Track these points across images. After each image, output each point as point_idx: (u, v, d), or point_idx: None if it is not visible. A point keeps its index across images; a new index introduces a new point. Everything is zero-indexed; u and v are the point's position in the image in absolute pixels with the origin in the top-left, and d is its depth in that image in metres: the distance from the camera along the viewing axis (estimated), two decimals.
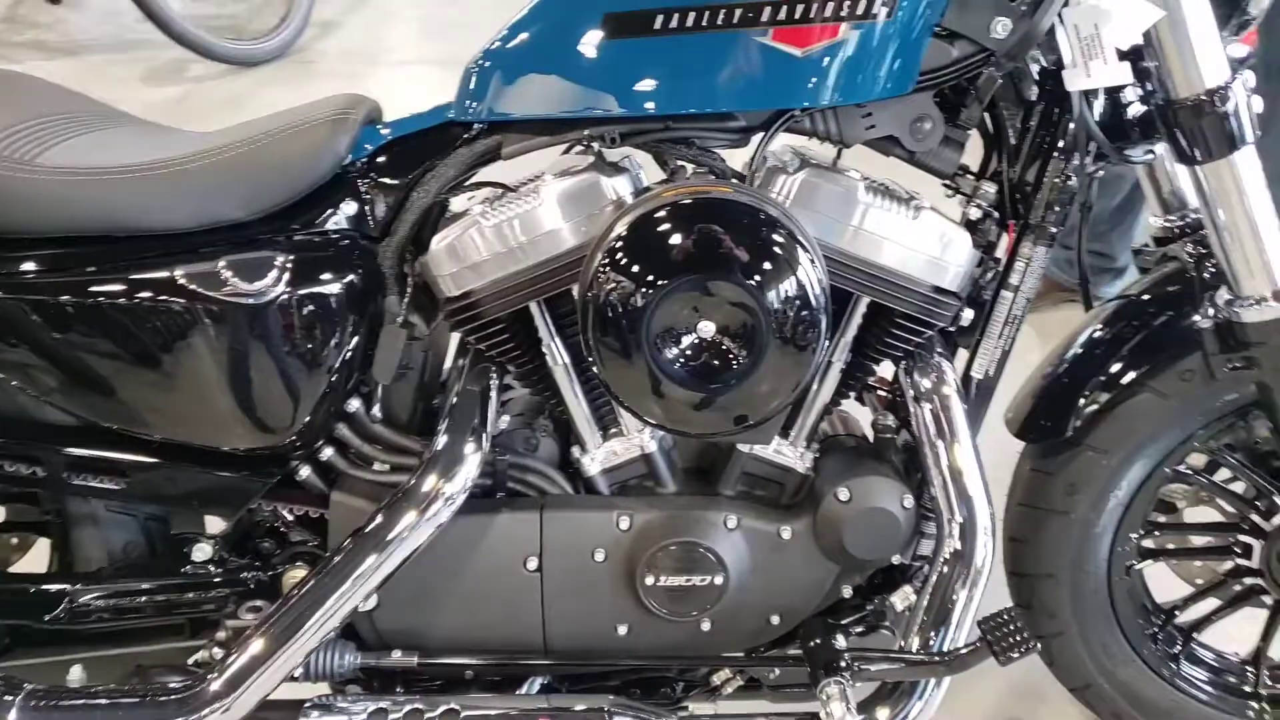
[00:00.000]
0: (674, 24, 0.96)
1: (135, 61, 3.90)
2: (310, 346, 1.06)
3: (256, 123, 1.10)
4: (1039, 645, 1.02)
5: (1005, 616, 1.02)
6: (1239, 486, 1.31)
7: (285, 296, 1.03)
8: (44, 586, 1.13)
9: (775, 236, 0.93)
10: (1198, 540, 1.38)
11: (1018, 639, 0.99)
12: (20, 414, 1.10)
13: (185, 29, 3.69)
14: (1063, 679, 1.40)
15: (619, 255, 0.94)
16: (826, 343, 0.98)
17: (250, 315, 1.03)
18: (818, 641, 1.11)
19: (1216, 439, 1.26)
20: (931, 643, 1.07)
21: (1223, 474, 1.32)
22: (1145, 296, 1.22)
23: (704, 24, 0.96)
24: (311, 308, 1.05)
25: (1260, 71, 1.03)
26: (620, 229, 0.95)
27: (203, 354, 1.04)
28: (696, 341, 0.95)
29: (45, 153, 1.02)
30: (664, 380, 0.96)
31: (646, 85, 1.00)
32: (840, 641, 1.11)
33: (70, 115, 1.12)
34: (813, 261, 0.94)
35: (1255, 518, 1.28)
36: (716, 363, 0.95)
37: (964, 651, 1.02)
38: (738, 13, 0.95)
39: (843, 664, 1.06)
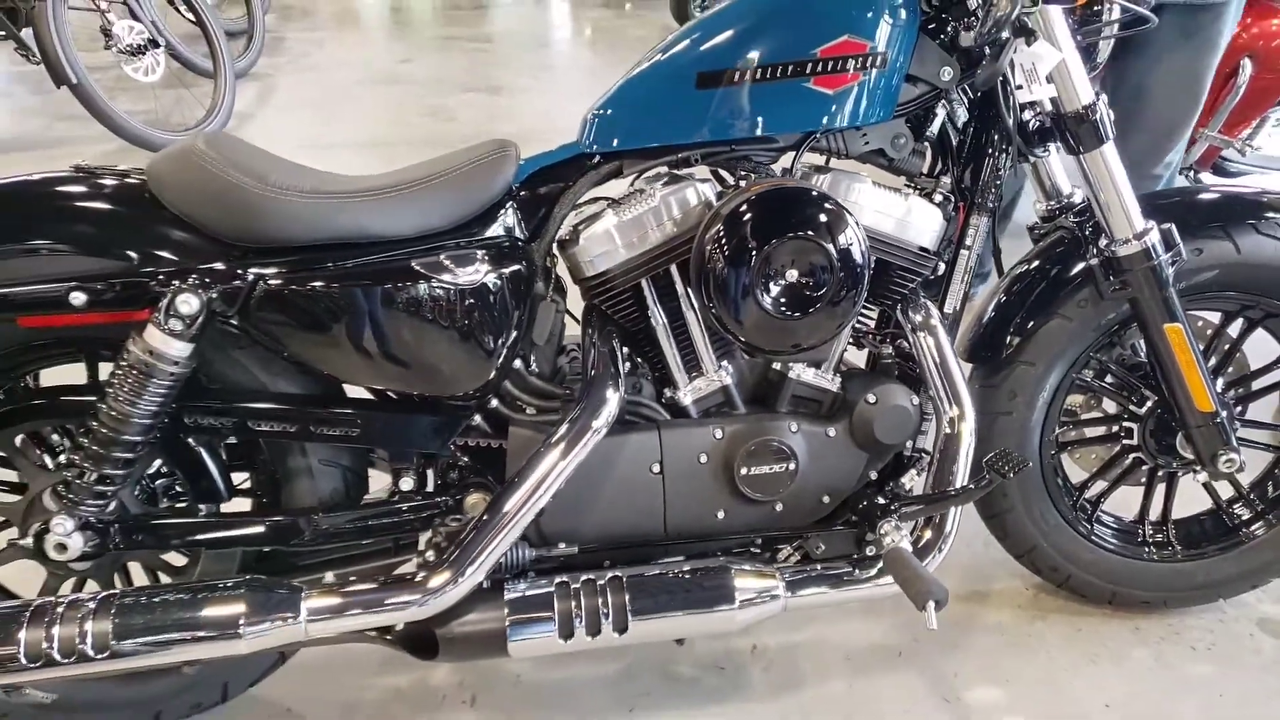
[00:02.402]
0: (747, 78, 1.43)
1: (69, 156, 4.10)
2: (497, 318, 1.44)
3: (435, 162, 1.49)
4: (1029, 463, 1.49)
5: (998, 453, 1.49)
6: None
7: (482, 282, 1.42)
8: (294, 520, 1.46)
9: (832, 209, 1.40)
10: (1092, 433, 1.91)
11: (1012, 464, 1.46)
12: (276, 388, 1.45)
13: (125, 122, 3.95)
14: (1011, 548, 1.89)
15: (730, 231, 1.39)
16: (867, 283, 1.44)
17: (459, 296, 1.41)
18: (865, 503, 1.57)
19: (1101, 354, 1.79)
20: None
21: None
22: (1044, 255, 1.74)
23: (769, 76, 1.43)
24: (498, 290, 1.43)
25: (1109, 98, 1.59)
26: (727, 214, 1.40)
27: (424, 325, 1.40)
28: (786, 284, 1.39)
29: (301, 183, 1.38)
30: (765, 314, 1.40)
31: (724, 120, 1.46)
32: (881, 500, 1.56)
33: (284, 161, 1.48)
34: (856, 224, 1.41)
35: (1132, 407, 1.82)
36: (802, 297, 1.40)
37: (973, 486, 1.49)
38: (791, 68, 1.43)
39: (893, 508, 1.51)
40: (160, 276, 1.32)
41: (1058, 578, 1.90)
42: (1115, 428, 1.86)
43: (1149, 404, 1.80)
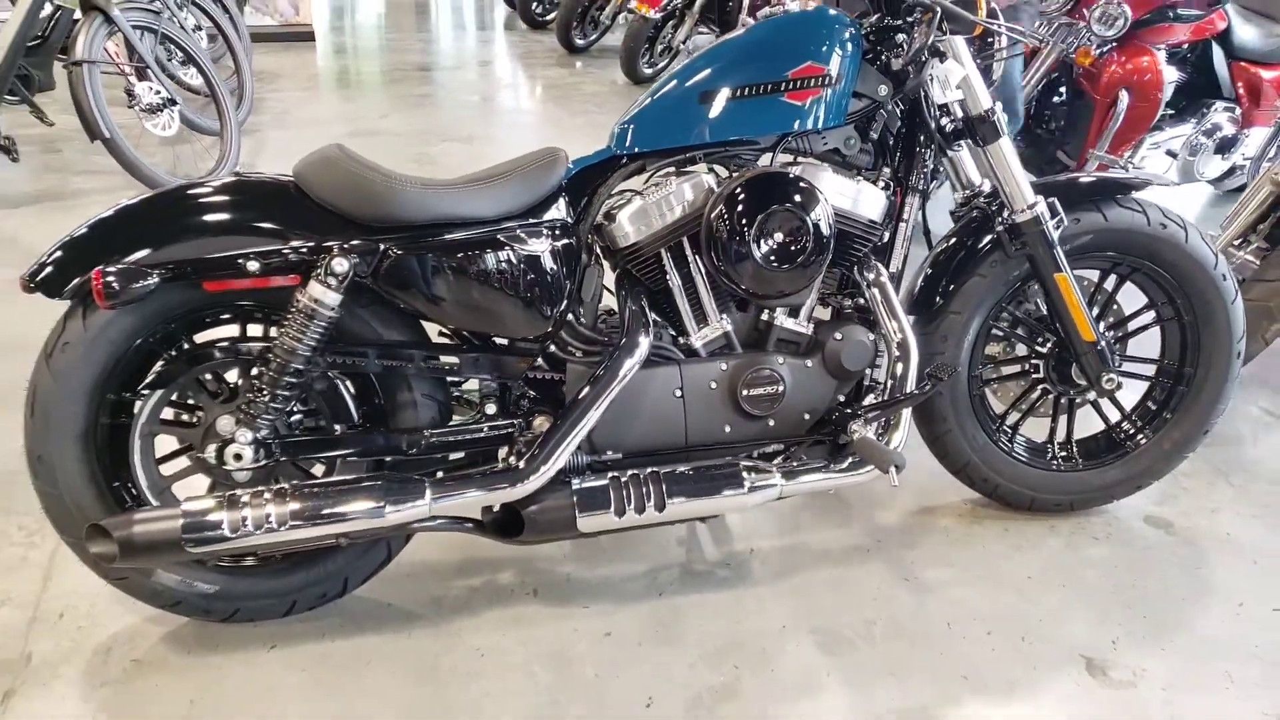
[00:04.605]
0: (740, 94, 1.94)
1: (94, 205, 4.46)
2: (557, 278, 1.91)
3: (505, 164, 1.96)
4: (959, 369, 2.00)
5: (936, 365, 1.99)
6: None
7: (548, 251, 1.89)
8: (413, 434, 1.91)
9: (806, 187, 1.91)
10: (1008, 370, 2.43)
11: (948, 372, 1.97)
12: (389, 337, 1.90)
13: (152, 172, 4.36)
14: (949, 465, 2.39)
15: (731, 206, 1.89)
16: (833, 242, 1.94)
17: (531, 261, 1.88)
18: (838, 413, 2.06)
19: (1010, 307, 2.32)
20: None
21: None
22: (963, 230, 2.27)
23: (756, 93, 1.94)
24: (557, 257, 1.91)
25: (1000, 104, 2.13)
26: (728, 194, 1.90)
27: (507, 282, 1.87)
28: (774, 244, 1.89)
29: (412, 178, 1.85)
30: (759, 267, 1.89)
31: (723, 126, 1.97)
32: (850, 411, 2.06)
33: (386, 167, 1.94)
34: (825, 198, 1.92)
35: (1037, 347, 2.35)
36: (787, 253, 1.90)
37: (918, 391, 2.00)
38: (770, 86, 1.94)
39: (859, 413, 2.01)
40: (309, 248, 1.77)
41: (987, 488, 2.40)
42: (1025, 366, 2.39)
43: (1050, 344, 2.33)
